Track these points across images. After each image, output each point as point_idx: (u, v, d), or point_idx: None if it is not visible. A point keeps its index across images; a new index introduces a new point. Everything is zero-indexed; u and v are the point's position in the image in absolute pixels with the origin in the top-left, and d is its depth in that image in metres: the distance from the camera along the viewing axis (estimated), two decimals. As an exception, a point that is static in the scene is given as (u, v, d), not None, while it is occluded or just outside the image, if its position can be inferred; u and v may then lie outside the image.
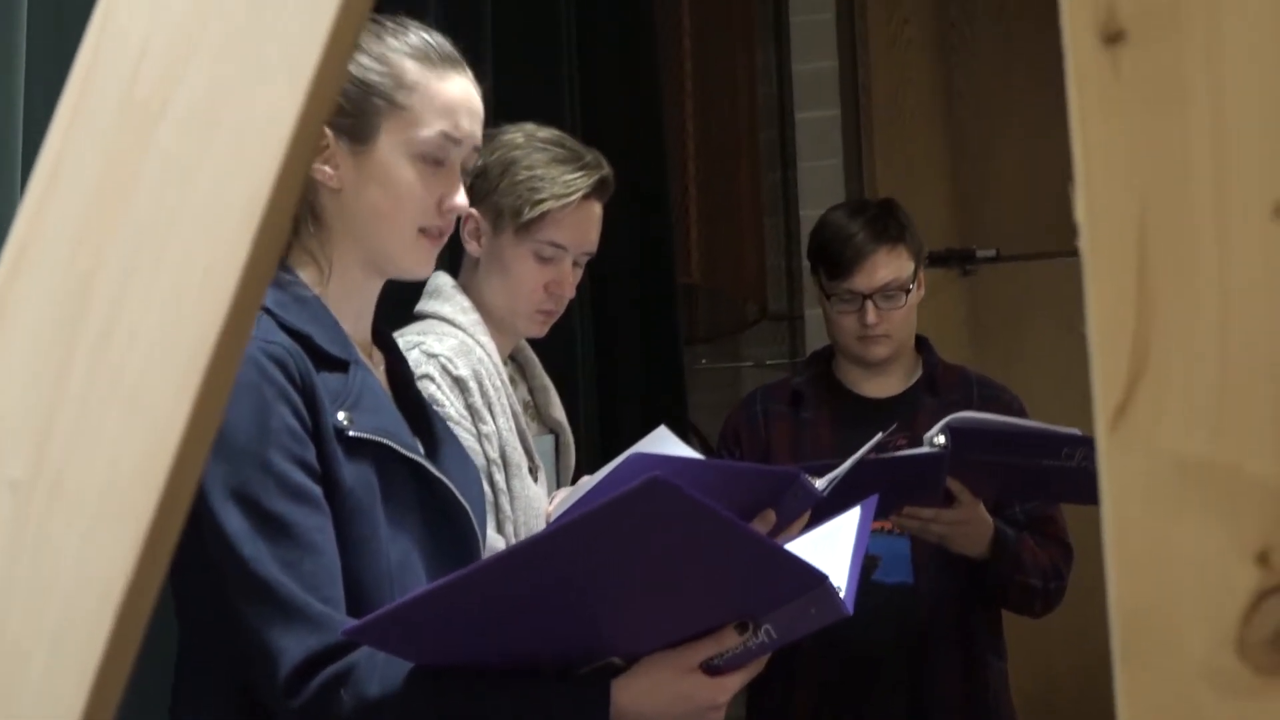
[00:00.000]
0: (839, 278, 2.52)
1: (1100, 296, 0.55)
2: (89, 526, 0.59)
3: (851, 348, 2.57)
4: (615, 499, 1.14)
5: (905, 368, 2.63)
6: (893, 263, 2.51)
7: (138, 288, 0.59)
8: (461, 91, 1.52)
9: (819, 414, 2.59)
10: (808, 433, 2.57)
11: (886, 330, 2.52)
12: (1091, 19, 0.56)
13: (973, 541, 2.37)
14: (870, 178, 4.08)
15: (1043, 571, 2.44)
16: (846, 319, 2.54)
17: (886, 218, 2.54)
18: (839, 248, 2.52)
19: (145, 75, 0.60)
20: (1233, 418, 0.53)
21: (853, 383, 2.63)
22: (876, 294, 2.50)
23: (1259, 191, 0.54)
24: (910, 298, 2.54)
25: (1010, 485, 2.38)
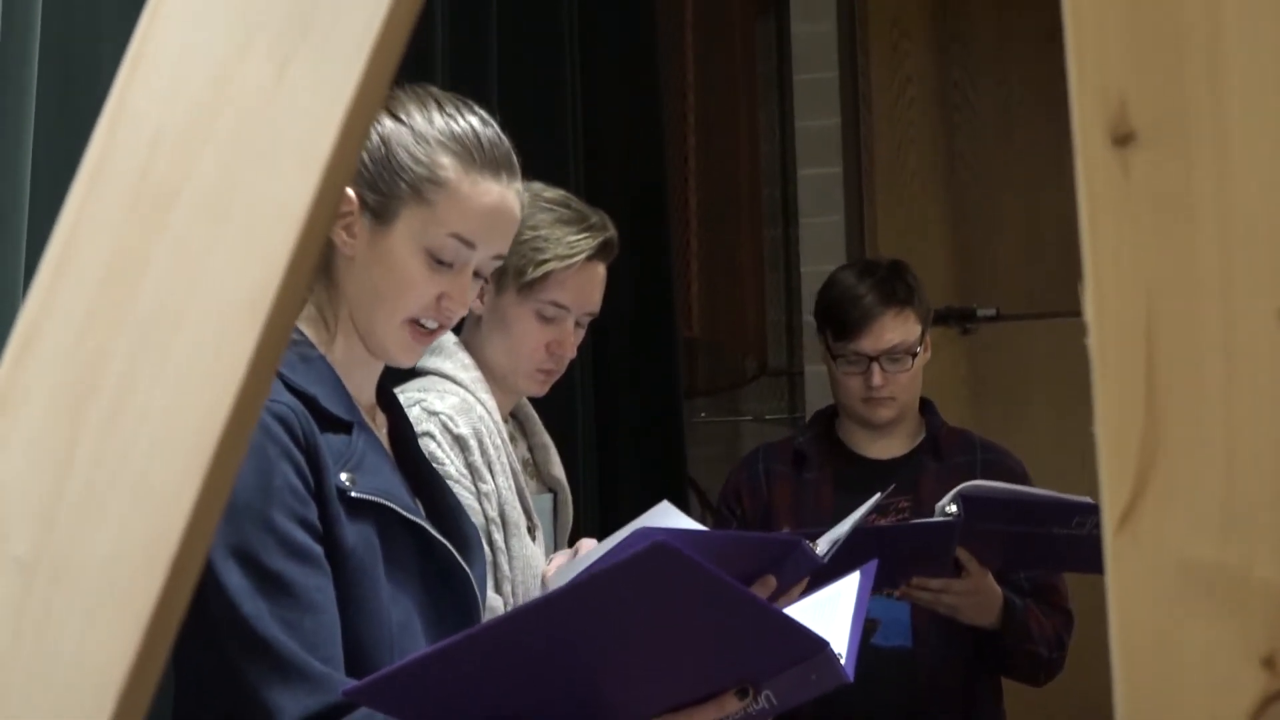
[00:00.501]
0: (845, 339, 2.52)
1: (1108, 397, 0.55)
2: (92, 608, 0.58)
3: (856, 409, 2.56)
4: (620, 563, 1.14)
5: (909, 430, 2.62)
6: (900, 326, 2.50)
7: (146, 371, 0.59)
8: (493, 202, 1.49)
9: (821, 474, 2.58)
10: (809, 493, 2.56)
11: (892, 393, 2.51)
12: (1102, 119, 0.57)
13: (982, 611, 2.35)
14: (871, 235, 4.09)
15: (1048, 640, 2.42)
16: (852, 380, 2.54)
17: (895, 280, 2.54)
18: (847, 308, 2.52)
19: (159, 160, 0.61)
20: (1240, 521, 0.53)
21: (855, 444, 2.62)
22: (883, 356, 2.50)
23: (1266, 295, 0.54)
24: (916, 361, 2.53)
25: (1020, 554, 2.37)
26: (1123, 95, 0.56)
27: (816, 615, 1.59)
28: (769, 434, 4.00)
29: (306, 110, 0.60)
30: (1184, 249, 0.55)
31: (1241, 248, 0.55)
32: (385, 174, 1.45)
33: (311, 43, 0.60)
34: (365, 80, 0.60)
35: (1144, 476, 0.54)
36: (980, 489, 2.19)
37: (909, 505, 2.49)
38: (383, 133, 1.47)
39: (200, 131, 0.61)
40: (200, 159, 0.61)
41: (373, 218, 1.45)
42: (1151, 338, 0.55)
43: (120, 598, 0.58)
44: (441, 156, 1.46)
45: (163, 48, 0.63)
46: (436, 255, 1.46)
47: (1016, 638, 2.39)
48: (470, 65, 2.56)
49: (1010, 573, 2.44)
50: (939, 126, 4.17)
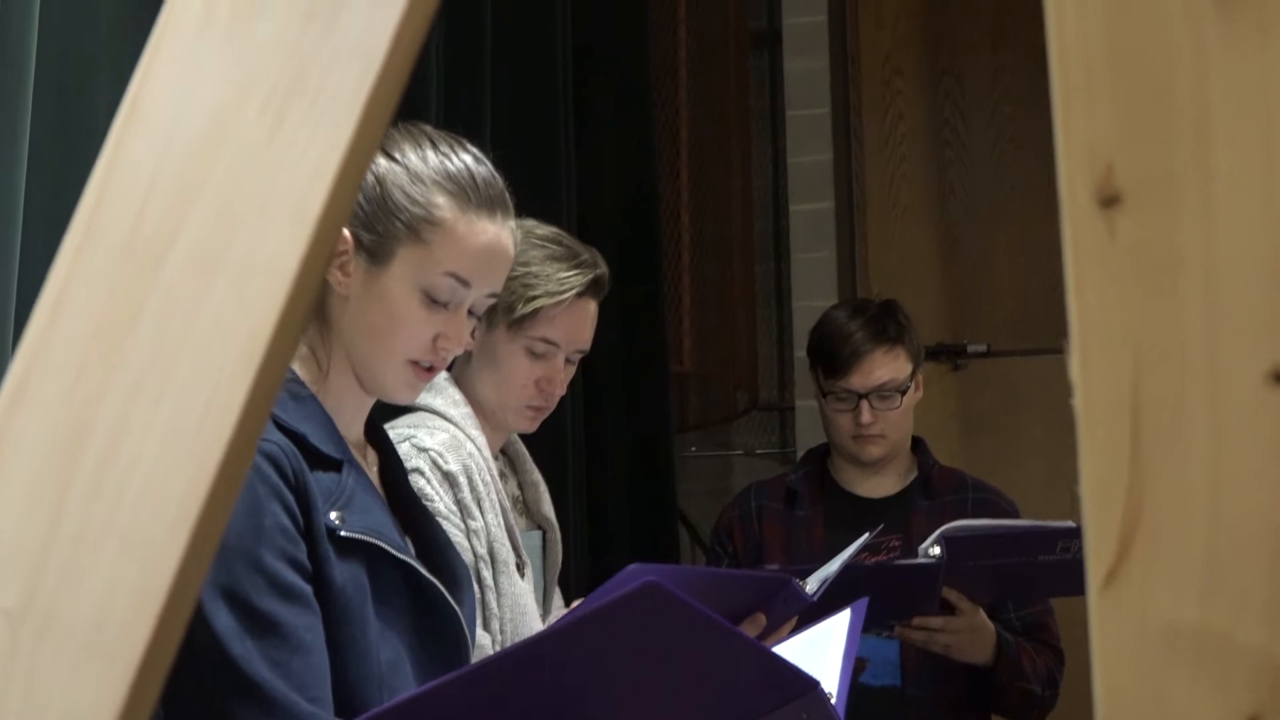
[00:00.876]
0: (835, 376, 2.53)
1: (1093, 458, 0.55)
2: (79, 659, 0.58)
3: (846, 446, 2.57)
4: (610, 603, 1.14)
5: (900, 468, 2.63)
6: (890, 363, 2.52)
7: (137, 421, 0.59)
8: (488, 241, 1.49)
9: (813, 512, 2.58)
10: (800, 531, 2.56)
11: (882, 430, 2.52)
12: (1089, 180, 0.57)
13: (976, 649, 2.36)
14: (863, 271, 4.10)
15: (1041, 678, 2.43)
16: (842, 418, 2.55)
17: (886, 318, 2.55)
18: (837, 346, 2.53)
19: (153, 211, 0.61)
20: (1224, 583, 0.53)
21: (847, 482, 2.62)
22: (872, 394, 2.51)
23: (1251, 358, 0.55)
24: (906, 399, 2.54)
25: (1009, 586, 2.38)
26: (1109, 157, 0.57)
27: (807, 653, 1.59)
28: (760, 468, 4.00)
29: (300, 164, 0.60)
30: (1169, 311, 0.56)
31: (1227, 310, 0.55)
32: (381, 213, 1.46)
33: (305, 98, 0.60)
34: (358, 135, 0.60)
35: (1128, 538, 0.54)
36: (961, 529, 2.20)
37: (900, 544, 2.50)
38: (377, 172, 1.47)
39: (194, 183, 0.61)
40: (194, 210, 0.61)
41: (368, 257, 1.45)
42: (1137, 399, 0.55)
43: (108, 649, 0.58)
44: (437, 196, 1.47)
45: (158, 99, 0.63)
46: (432, 295, 1.46)
47: (1010, 675, 2.39)
48: (465, 103, 2.57)
49: (1002, 607, 2.44)
50: (930, 163, 4.19)
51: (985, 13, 4.11)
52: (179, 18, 0.65)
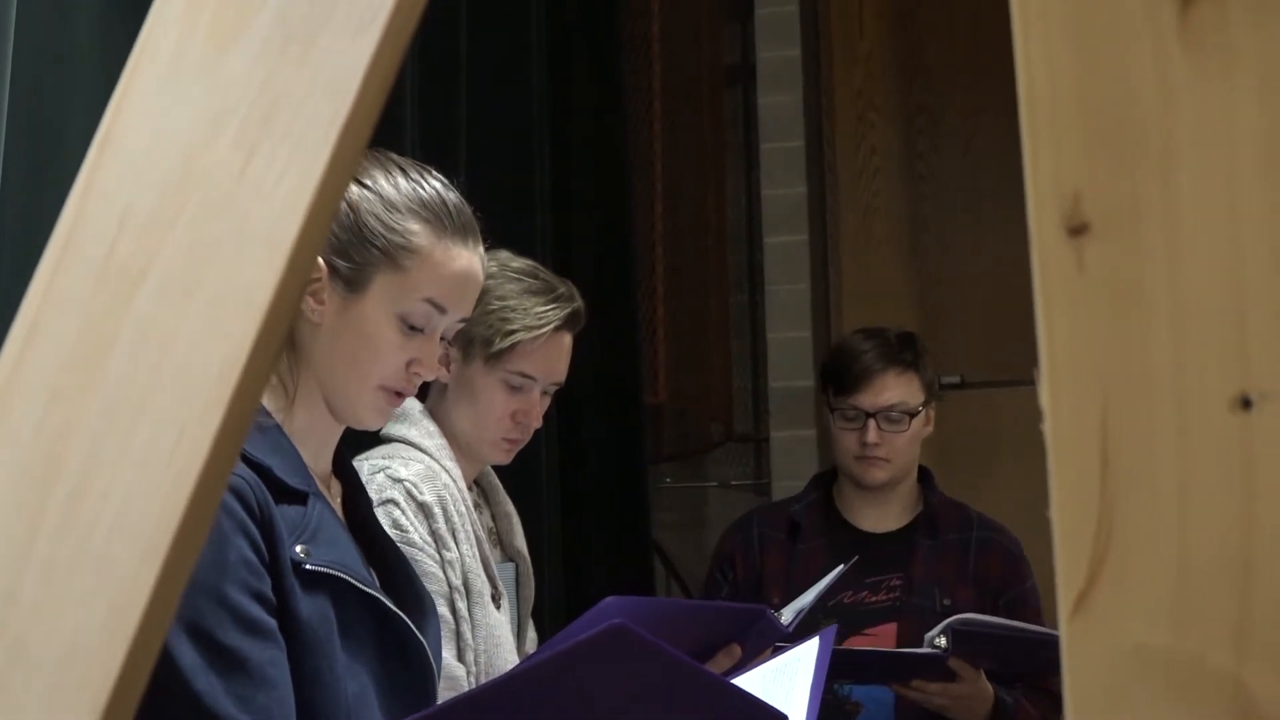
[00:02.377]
0: (845, 393, 2.52)
1: (1063, 484, 0.56)
2: (50, 688, 0.58)
3: (850, 468, 2.55)
4: (579, 644, 1.14)
5: (905, 501, 2.61)
6: (901, 386, 2.51)
7: (110, 450, 0.59)
8: (463, 267, 1.51)
9: (814, 545, 2.56)
10: (801, 564, 2.53)
11: (887, 454, 2.50)
12: (1056, 210, 0.58)
13: (973, 713, 2.34)
14: (837, 303, 4.12)
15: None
16: (847, 436, 2.53)
17: (902, 345, 2.55)
18: (848, 363, 2.53)
19: (125, 241, 0.61)
20: (1193, 608, 0.54)
21: (851, 514, 2.60)
22: (880, 414, 2.50)
23: (1218, 384, 0.55)
24: (914, 425, 2.53)
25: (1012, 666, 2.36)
26: (1077, 188, 0.57)
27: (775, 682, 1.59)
28: (735, 500, 4.00)
29: (272, 196, 0.60)
30: (1137, 339, 0.56)
31: (1193, 338, 0.56)
32: (356, 241, 1.46)
33: (279, 130, 0.61)
34: (331, 167, 0.60)
35: (1098, 563, 0.54)
36: (971, 624, 2.18)
37: (900, 584, 2.48)
38: (350, 199, 1.47)
39: (167, 214, 0.61)
40: (167, 241, 0.61)
41: (344, 285, 1.46)
42: (1105, 425, 0.56)
43: (79, 678, 0.58)
44: (413, 223, 1.47)
45: (132, 131, 0.63)
46: (409, 321, 1.47)
47: None
48: (440, 137, 2.57)
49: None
50: (904, 196, 4.22)
51: (959, 48, 4.15)
52: (153, 50, 0.65)
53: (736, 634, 1.76)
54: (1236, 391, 0.55)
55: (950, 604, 2.42)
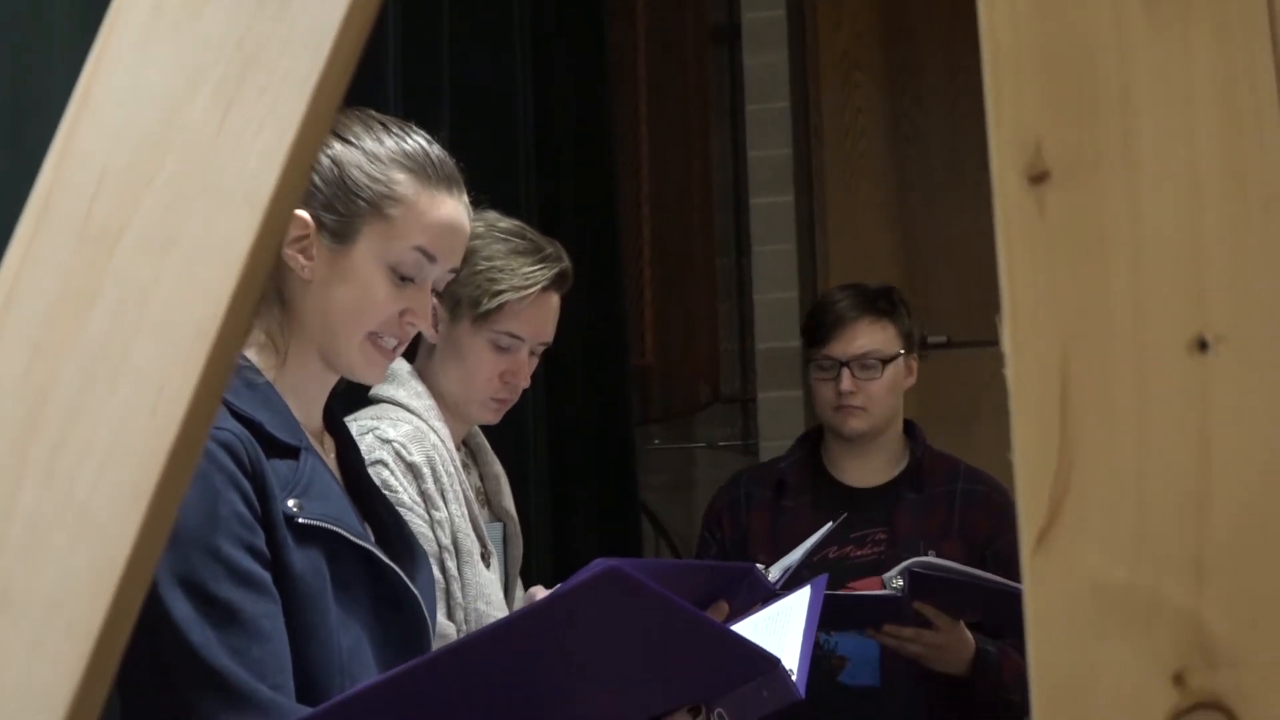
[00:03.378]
0: (819, 344, 2.53)
1: (1024, 425, 0.57)
2: (36, 638, 0.59)
3: (829, 419, 2.56)
4: (572, 588, 1.15)
5: (890, 454, 2.61)
6: (874, 333, 2.52)
7: (91, 404, 0.60)
8: (449, 215, 1.51)
9: (800, 501, 2.57)
10: (786, 520, 2.54)
11: (863, 403, 2.51)
12: (1018, 159, 0.59)
13: (952, 661, 2.34)
14: (824, 264, 4.13)
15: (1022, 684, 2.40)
16: (824, 387, 2.54)
17: (878, 295, 2.56)
18: (821, 315, 2.55)
19: (104, 198, 0.62)
20: (1151, 543, 0.55)
21: (838, 469, 2.61)
22: (854, 362, 2.50)
23: (1175, 327, 0.56)
24: (890, 372, 2.53)
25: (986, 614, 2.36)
26: (1038, 136, 0.59)
27: (767, 631, 1.61)
28: (723, 461, 4.02)
29: (250, 150, 0.61)
30: (1097, 283, 0.57)
31: (1151, 282, 0.57)
32: (341, 194, 1.47)
33: (255, 84, 0.62)
34: (308, 121, 0.61)
35: (1059, 501, 0.56)
36: (929, 566, 2.18)
37: (885, 538, 2.49)
38: (333, 155, 1.48)
39: (146, 170, 0.62)
40: (145, 197, 0.62)
41: (332, 237, 1.46)
42: (1066, 368, 0.57)
43: (64, 627, 0.59)
44: (396, 173, 1.48)
45: (110, 89, 0.64)
46: (399, 270, 1.48)
47: (989, 689, 2.37)
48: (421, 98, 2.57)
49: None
50: (889, 156, 4.22)
51: (942, 7, 4.14)
52: (129, 7, 0.66)
53: (724, 591, 1.77)
54: (1193, 334, 0.57)
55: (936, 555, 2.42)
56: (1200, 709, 0.55)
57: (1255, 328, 0.56)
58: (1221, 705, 0.54)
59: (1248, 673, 0.54)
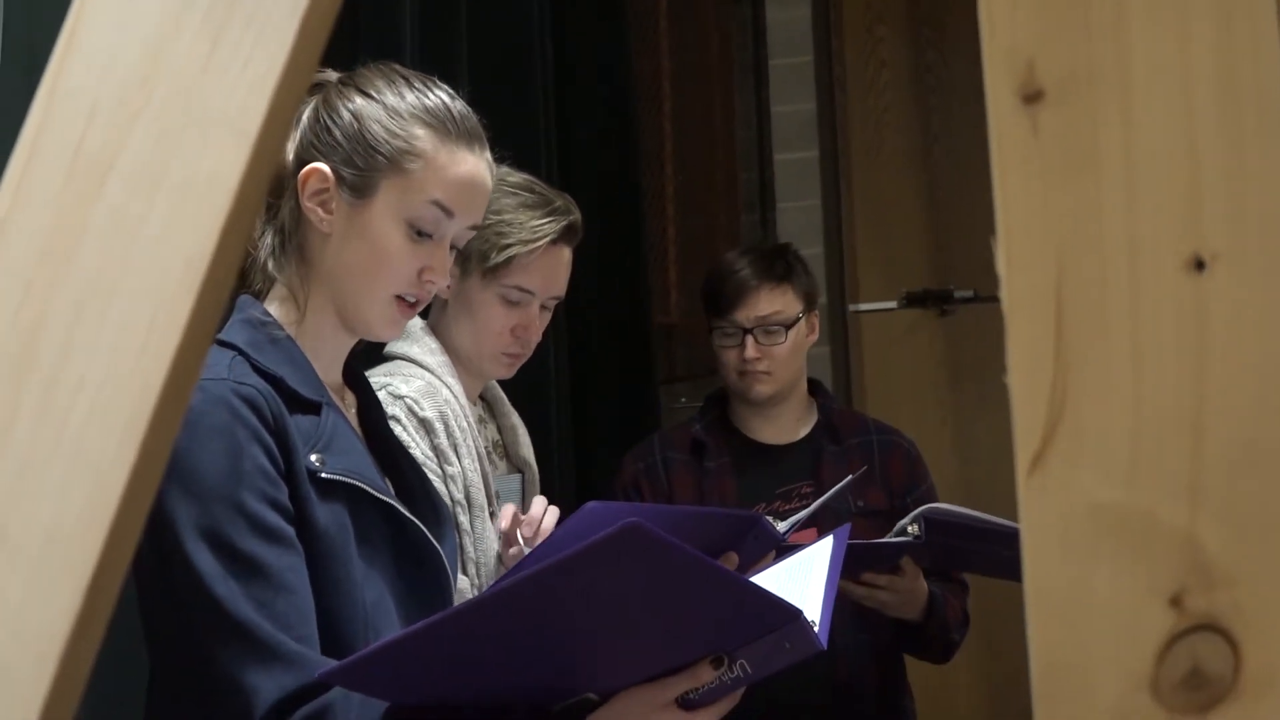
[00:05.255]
0: (721, 312, 2.55)
1: (1019, 347, 0.56)
2: (32, 575, 0.60)
3: (735, 384, 2.59)
4: (591, 545, 1.15)
5: (797, 412, 2.64)
6: (775, 299, 2.53)
7: (83, 339, 0.60)
8: (469, 171, 1.51)
9: (721, 463, 2.59)
10: (711, 481, 2.57)
11: (767, 368, 2.53)
12: (1011, 78, 0.58)
13: (911, 607, 2.42)
14: (849, 219, 4.11)
15: (959, 624, 2.50)
16: (728, 353, 2.57)
17: (775, 258, 2.58)
18: (723, 281, 2.56)
19: (94, 134, 0.62)
20: (1146, 465, 0.55)
21: (749, 429, 2.63)
22: (757, 329, 2.52)
23: (1171, 246, 0.56)
24: (792, 336, 2.55)
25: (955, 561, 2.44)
26: (1030, 55, 0.58)
27: (789, 581, 1.60)
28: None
29: (238, 82, 0.61)
30: (1091, 203, 0.57)
31: (1147, 201, 0.56)
32: (361, 148, 1.46)
33: (242, 16, 0.61)
34: (295, 52, 0.61)
35: (1053, 423, 0.55)
36: (943, 512, 2.23)
37: (811, 490, 2.51)
38: (354, 109, 1.48)
39: (135, 104, 0.62)
40: (134, 131, 0.62)
41: (351, 192, 1.46)
42: (1060, 289, 0.56)
43: (60, 565, 0.59)
44: (416, 129, 1.48)
45: (97, 24, 0.64)
46: (417, 225, 1.48)
47: (937, 628, 2.46)
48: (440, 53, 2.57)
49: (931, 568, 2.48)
50: (914, 110, 4.19)
51: (966, -43, 4.10)
52: (118, -55, 0.65)
53: (732, 541, 1.77)
54: (1189, 253, 0.56)
55: (864, 505, 2.49)
56: (1198, 630, 0.54)
57: (1252, 246, 0.55)
58: (1219, 627, 0.54)
59: (1245, 593, 0.54)
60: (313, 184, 1.45)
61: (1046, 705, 0.54)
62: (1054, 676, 0.55)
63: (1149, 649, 0.54)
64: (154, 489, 0.61)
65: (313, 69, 0.63)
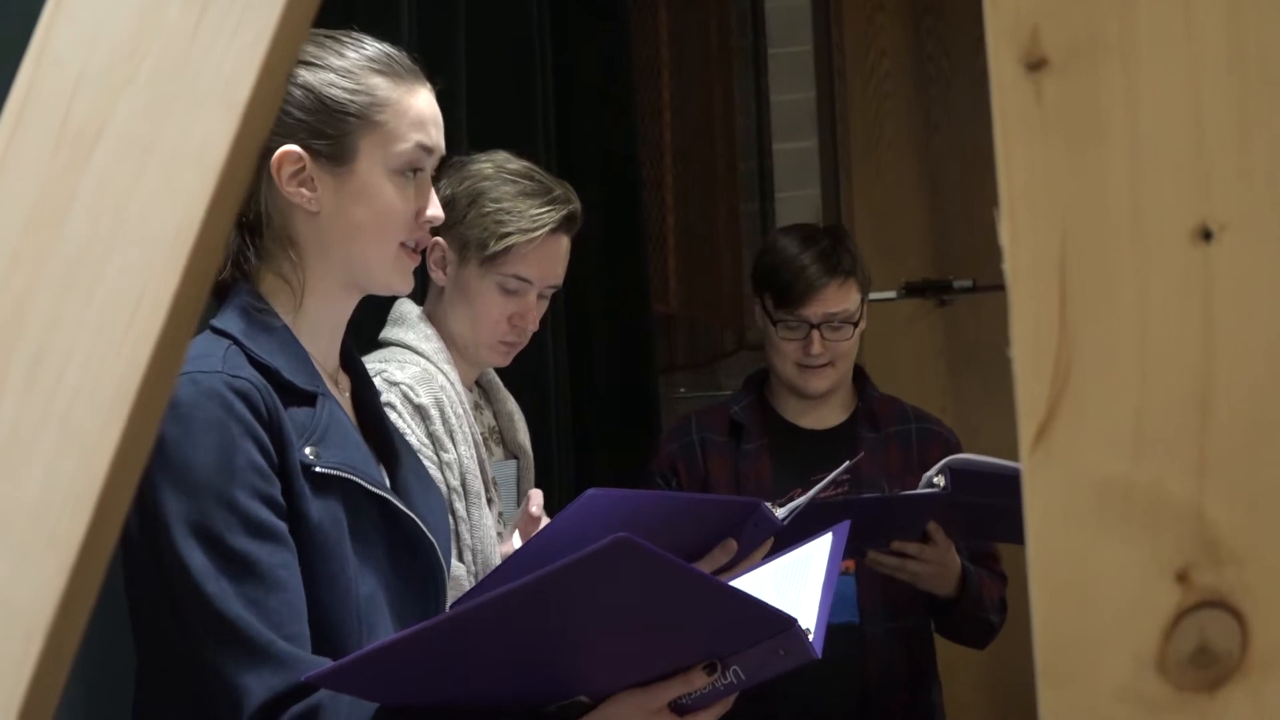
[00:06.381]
0: (788, 306, 2.52)
1: (1023, 318, 0.55)
2: (18, 551, 0.59)
3: (790, 376, 2.55)
4: (583, 557, 1.14)
5: (842, 399, 2.62)
6: (843, 296, 2.50)
7: (71, 312, 0.59)
8: (428, 103, 1.52)
9: (759, 446, 2.56)
10: (748, 465, 2.54)
11: (830, 360, 2.51)
12: (1015, 46, 0.57)
13: (943, 581, 2.38)
14: (847, 208, 4.10)
15: (995, 606, 2.47)
16: (790, 346, 2.53)
17: (839, 250, 2.54)
18: (789, 278, 2.51)
19: (80, 103, 0.61)
20: (1152, 438, 0.54)
21: (789, 413, 2.61)
22: (824, 325, 2.50)
23: (1176, 216, 0.55)
24: (855, 330, 2.54)
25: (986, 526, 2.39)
26: (1034, 22, 0.57)
27: (787, 580, 1.59)
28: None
29: (226, 52, 0.60)
30: (1096, 173, 0.56)
31: (1152, 170, 0.55)
32: (327, 117, 1.45)
33: (229, -17, 0.60)
34: (285, 20, 0.60)
35: (1058, 396, 0.54)
36: (968, 462, 2.20)
37: (848, 477, 2.49)
38: (303, 83, 1.46)
39: (121, 74, 0.61)
40: (121, 101, 0.61)
41: (330, 163, 1.45)
42: (1065, 261, 0.55)
43: (46, 540, 0.58)
44: (373, 79, 1.48)
45: (83, -6, 0.63)
46: (404, 168, 1.48)
47: (972, 606, 2.42)
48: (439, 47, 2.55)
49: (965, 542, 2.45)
50: (914, 99, 4.17)
51: (966, -54, 4.09)
52: (106, -87, 0.64)
53: (731, 529, 1.76)
54: (1196, 223, 0.55)
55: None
56: (1205, 607, 0.53)
57: (1260, 216, 0.54)
58: (1226, 603, 0.53)
59: (1254, 570, 0.53)
60: (287, 168, 1.44)
61: (1051, 683, 0.53)
62: (1058, 653, 0.54)
63: (1155, 626, 0.53)
64: (142, 464, 0.60)
65: (303, 37, 0.61)
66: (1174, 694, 0.53)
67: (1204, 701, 0.52)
